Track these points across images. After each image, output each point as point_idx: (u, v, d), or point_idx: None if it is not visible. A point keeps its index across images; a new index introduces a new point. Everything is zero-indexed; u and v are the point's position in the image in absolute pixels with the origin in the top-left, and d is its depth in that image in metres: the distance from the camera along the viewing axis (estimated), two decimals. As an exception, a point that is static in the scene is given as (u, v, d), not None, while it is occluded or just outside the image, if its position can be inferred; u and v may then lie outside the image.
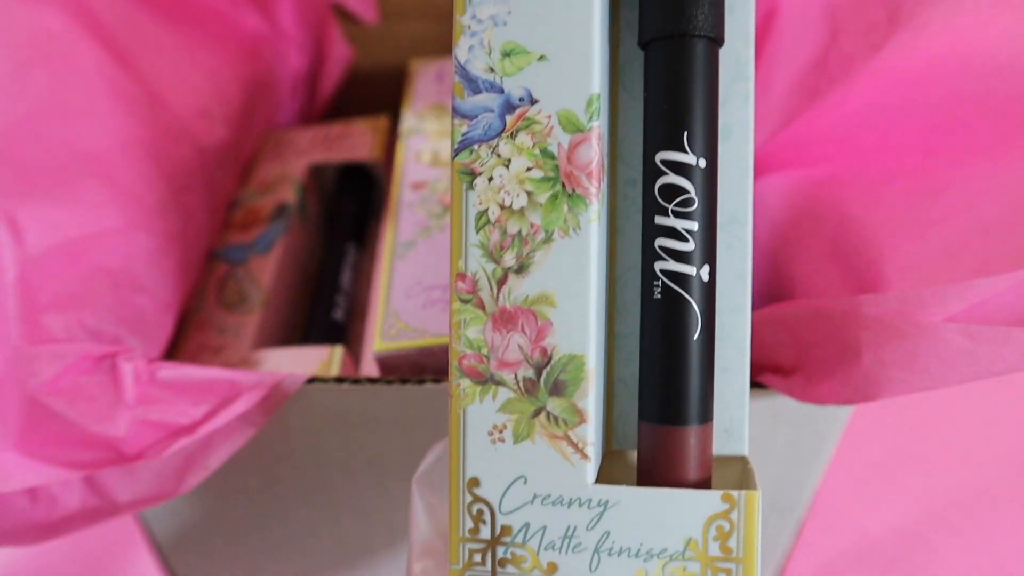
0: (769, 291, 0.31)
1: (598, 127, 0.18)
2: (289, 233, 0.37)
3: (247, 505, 0.32)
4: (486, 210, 0.18)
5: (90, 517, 0.25)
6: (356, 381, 0.26)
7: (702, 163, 0.18)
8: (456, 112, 0.19)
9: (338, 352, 0.30)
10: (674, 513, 0.18)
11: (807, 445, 0.28)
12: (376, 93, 0.48)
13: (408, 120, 0.37)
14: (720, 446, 0.20)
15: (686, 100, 0.19)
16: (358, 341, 0.35)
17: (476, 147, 0.18)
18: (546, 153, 0.18)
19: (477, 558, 0.19)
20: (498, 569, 0.19)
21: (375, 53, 0.48)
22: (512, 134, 0.18)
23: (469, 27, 0.18)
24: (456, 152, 0.18)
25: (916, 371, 0.21)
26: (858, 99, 0.28)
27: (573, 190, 0.18)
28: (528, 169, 0.18)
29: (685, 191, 0.18)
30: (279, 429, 0.28)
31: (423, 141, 0.35)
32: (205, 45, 0.39)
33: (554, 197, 0.18)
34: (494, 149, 0.18)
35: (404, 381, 0.26)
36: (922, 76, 0.27)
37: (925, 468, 0.44)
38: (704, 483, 0.19)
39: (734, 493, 0.18)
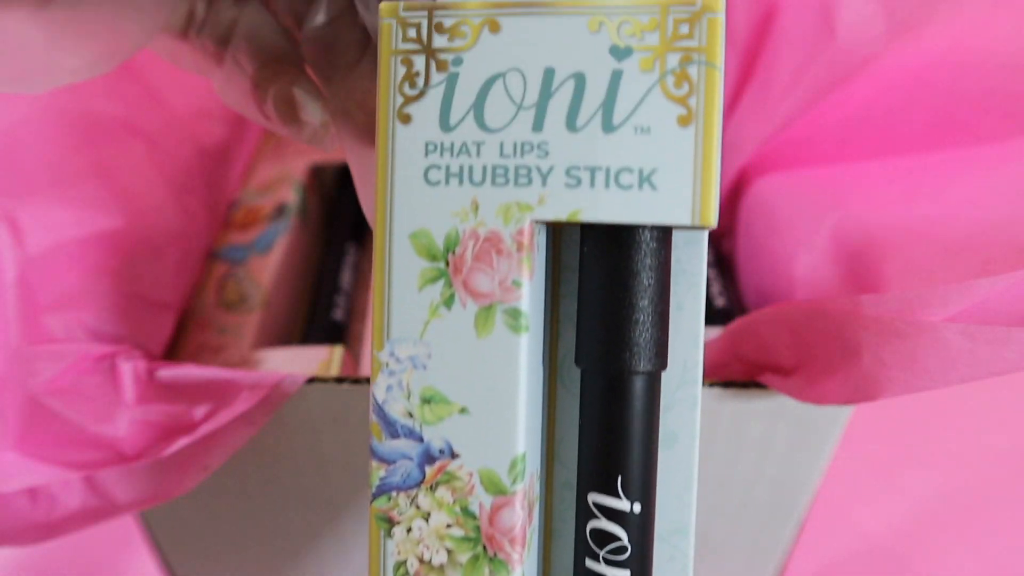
0: (769, 291, 0.31)
1: (523, 489, 0.17)
2: (289, 233, 0.37)
3: (246, 505, 0.32)
4: (404, 561, 0.17)
5: (90, 517, 0.25)
6: (356, 381, 0.26)
7: (636, 508, 0.17)
8: (374, 454, 0.17)
9: (338, 352, 0.30)
10: None
11: (807, 445, 0.28)
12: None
13: None
14: None
15: (622, 441, 0.17)
16: (358, 341, 0.35)
17: (395, 494, 0.17)
18: (467, 512, 0.17)
19: None
20: None
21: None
22: (432, 487, 0.17)
23: (387, 365, 0.17)
24: (374, 496, 0.17)
25: (916, 371, 0.21)
26: (858, 99, 0.28)
27: (495, 554, 0.17)
28: (448, 526, 0.17)
29: (617, 538, 0.17)
30: (279, 429, 0.28)
31: None
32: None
33: (475, 559, 0.17)
34: (413, 500, 0.17)
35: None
36: (921, 75, 0.27)
37: (925, 468, 0.43)
38: None
39: None
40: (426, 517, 0.17)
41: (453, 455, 0.17)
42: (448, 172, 0.17)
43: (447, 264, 0.17)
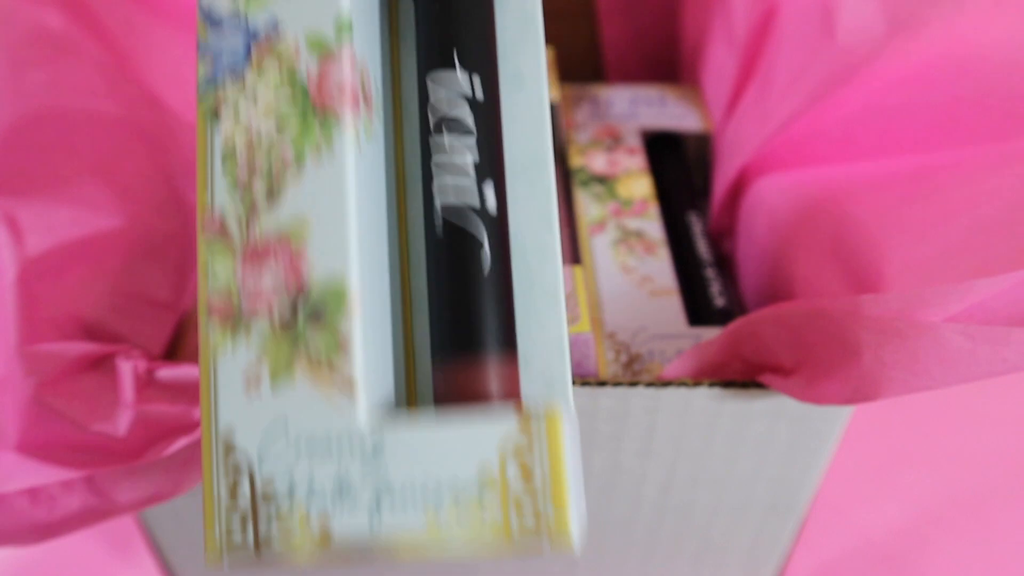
0: (769, 291, 0.31)
1: (349, 47, 0.17)
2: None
3: (247, 505, 0.32)
4: (233, 143, 0.17)
5: (90, 517, 0.25)
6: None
7: (477, 81, 0.17)
8: (200, 52, 0.17)
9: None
10: (463, 440, 0.16)
11: (807, 445, 0.28)
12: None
13: None
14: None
15: (455, 16, 0.17)
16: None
17: (221, 83, 0.17)
18: (294, 78, 0.17)
19: (237, 530, 0.16)
20: (259, 542, 0.16)
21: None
22: (258, 64, 0.17)
23: None
24: (201, 93, 0.17)
25: (916, 371, 0.21)
26: (858, 99, 0.28)
27: (325, 115, 0.17)
28: (275, 96, 0.17)
29: (461, 119, 0.17)
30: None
31: None
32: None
33: (304, 122, 0.17)
34: (240, 79, 0.17)
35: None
36: (921, 76, 0.27)
37: (925, 468, 0.44)
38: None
39: (531, 409, 0.16)
40: (253, 95, 0.17)
41: (277, 27, 0.17)
42: None
43: None
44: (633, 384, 0.26)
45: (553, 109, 0.34)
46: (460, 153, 0.17)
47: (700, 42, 0.38)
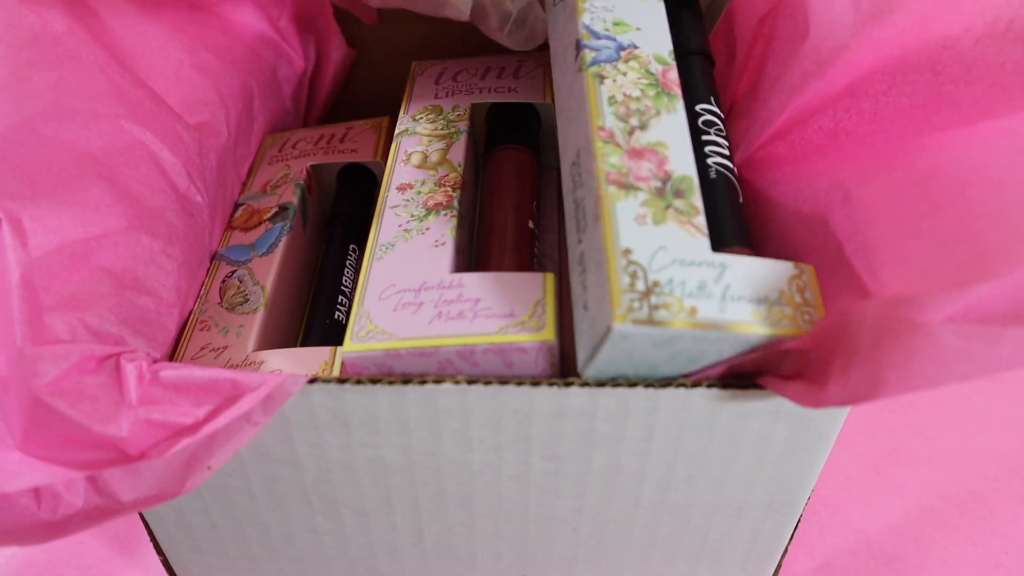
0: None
1: (673, 64, 0.30)
2: (291, 234, 0.37)
3: (247, 505, 0.32)
4: (613, 95, 0.28)
5: (94, 516, 0.25)
6: (357, 381, 0.26)
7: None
8: (584, 47, 0.29)
9: (339, 353, 0.30)
10: (769, 274, 0.25)
11: (805, 444, 0.28)
12: (376, 94, 0.48)
13: (403, 122, 0.37)
14: None
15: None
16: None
17: (601, 65, 0.29)
18: (649, 73, 0.29)
19: (636, 304, 0.24)
20: (652, 312, 0.24)
21: (375, 53, 0.48)
22: (625, 61, 0.29)
23: (590, 10, 0.31)
24: (589, 65, 0.29)
25: (912, 371, 0.21)
26: (841, 88, 0.29)
27: (668, 91, 0.29)
28: (639, 78, 0.29)
29: (716, 123, 0.31)
30: (280, 429, 0.28)
31: (415, 143, 0.35)
32: (207, 47, 0.39)
33: (657, 93, 0.29)
34: (615, 66, 0.29)
35: (405, 381, 0.26)
36: (901, 60, 0.27)
37: (922, 467, 0.44)
38: None
39: (801, 264, 0.26)
40: (624, 74, 0.29)
41: (635, 47, 0.30)
42: None
43: None
44: (632, 384, 0.26)
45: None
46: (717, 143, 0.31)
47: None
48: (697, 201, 0.26)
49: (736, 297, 0.25)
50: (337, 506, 0.32)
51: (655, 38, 0.30)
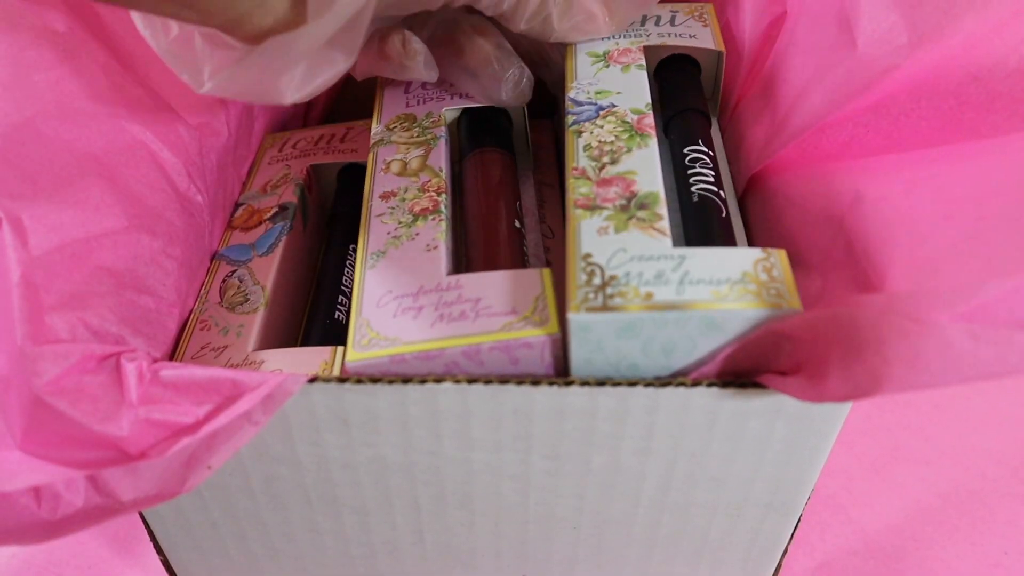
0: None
1: (651, 112, 0.32)
2: (291, 234, 0.37)
3: (248, 504, 0.32)
4: (589, 143, 0.31)
5: (94, 516, 0.25)
6: (357, 380, 0.27)
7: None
8: (568, 113, 0.32)
9: (340, 352, 0.30)
10: (732, 259, 0.26)
11: (805, 443, 0.28)
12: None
13: (377, 132, 0.37)
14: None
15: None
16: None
17: (581, 123, 0.32)
18: (624, 123, 0.31)
19: (591, 295, 0.25)
20: (607, 300, 0.25)
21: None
22: (603, 118, 0.32)
23: (576, 85, 0.34)
24: (570, 125, 0.32)
25: (918, 368, 0.21)
26: (869, 102, 0.29)
27: (642, 132, 0.31)
28: (614, 128, 0.31)
29: (704, 159, 0.33)
30: (280, 428, 0.28)
31: (392, 151, 0.35)
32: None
33: (631, 136, 0.31)
34: (593, 123, 0.32)
35: (405, 381, 0.26)
36: (933, 80, 0.27)
37: (921, 466, 0.44)
38: None
39: (770, 249, 0.27)
40: (601, 127, 0.31)
41: (614, 106, 0.32)
42: None
43: None
44: (632, 383, 0.26)
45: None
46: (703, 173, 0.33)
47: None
48: (661, 210, 0.28)
49: (695, 281, 0.26)
50: (337, 505, 0.32)
51: (634, 96, 0.32)
